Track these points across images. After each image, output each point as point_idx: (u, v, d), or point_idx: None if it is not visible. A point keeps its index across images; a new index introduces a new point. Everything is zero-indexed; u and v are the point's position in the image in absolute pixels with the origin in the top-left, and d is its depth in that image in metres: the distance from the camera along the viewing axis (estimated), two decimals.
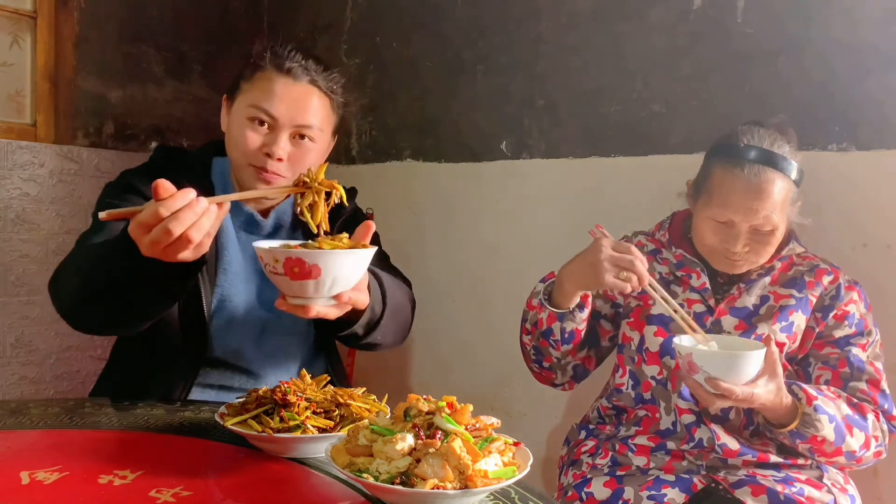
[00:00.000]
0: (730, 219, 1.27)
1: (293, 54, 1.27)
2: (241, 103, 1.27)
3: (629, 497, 1.26)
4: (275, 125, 1.25)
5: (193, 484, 0.85)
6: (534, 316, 1.35)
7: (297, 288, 0.90)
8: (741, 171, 1.26)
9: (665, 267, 1.41)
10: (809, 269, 1.35)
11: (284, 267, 0.88)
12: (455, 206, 2.29)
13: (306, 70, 1.27)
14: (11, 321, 2.33)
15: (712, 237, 1.31)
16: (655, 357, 1.34)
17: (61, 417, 1.09)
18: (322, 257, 0.88)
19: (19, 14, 2.35)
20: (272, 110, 1.24)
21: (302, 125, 1.26)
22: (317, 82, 1.28)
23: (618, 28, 1.92)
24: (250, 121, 1.25)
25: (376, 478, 0.78)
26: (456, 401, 0.86)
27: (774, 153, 1.27)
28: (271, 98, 1.24)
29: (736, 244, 1.28)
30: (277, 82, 1.25)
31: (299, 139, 1.27)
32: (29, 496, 0.80)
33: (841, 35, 1.58)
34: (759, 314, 1.32)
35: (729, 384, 1.10)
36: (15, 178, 2.31)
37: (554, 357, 1.38)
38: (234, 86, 1.32)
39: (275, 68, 1.26)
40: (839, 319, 1.30)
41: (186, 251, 0.91)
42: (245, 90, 1.28)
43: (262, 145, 1.24)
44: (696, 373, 1.12)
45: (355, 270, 0.94)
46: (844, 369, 1.27)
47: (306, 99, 1.26)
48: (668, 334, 1.33)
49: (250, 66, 1.29)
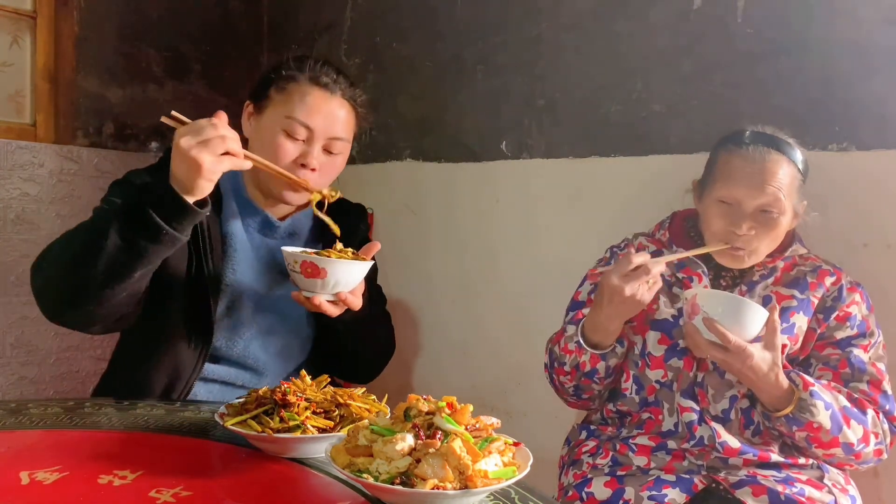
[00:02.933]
0: (736, 198, 1.28)
1: (327, 69, 1.33)
2: (275, 113, 1.30)
3: (630, 497, 1.26)
4: (310, 137, 1.29)
5: (193, 484, 0.84)
6: (573, 359, 1.35)
7: (308, 284, 1.17)
8: (747, 152, 1.29)
9: (667, 269, 1.40)
10: (812, 270, 1.34)
11: (301, 266, 1.15)
12: (455, 206, 2.28)
13: (339, 84, 1.33)
14: (11, 321, 2.33)
15: (719, 221, 1.31)
16: (659, 361, 1.34)
17: (61, 417, 1.09)
18: (329, 263, 1.15)
19: (19, 14, 2.35)
20: (310, 122, 1.28)
21: (334, 137, 1.31)
22: (347, 96, 1.34)
23: (618, 28, 1.92)
24: (285, 131, 1.28)
25: (376, 478, 0.78)
26: (456, 401, 0.86)
27: (780, 138, 1.31)
28: (309, 110, 1.29)
29: (741, 225, 1.27)
30: (314, 95, 1.30)
31: (330, 151, 1.32)
32: (29, 496, 0.80)
33: (841, 35, 1.58)
34: None
35: (724, 329, 1.11)
36: (15, 178, 2.31)
37: (595, 391, 1.39)
38: (260, 93, 1.34)
39: (311, 81, 1.31)
40: (841, 321, 1.30)
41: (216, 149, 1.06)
42: (278, 101, 1.31)
43: (296, 156, 1.29)
44: (696, 314, 1.13)
45: (354, 276, 1.20)
46: (845, 370, 1.27)
47: (339, 112, 1.32)
48: (672, 340, 1.33)
49: (282, 77, 1.32)
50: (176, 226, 1.08)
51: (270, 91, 1.32)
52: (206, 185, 1.08)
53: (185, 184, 1.07)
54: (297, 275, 1.17)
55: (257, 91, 1.35)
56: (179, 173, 1.07)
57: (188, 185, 1.07)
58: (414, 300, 2.36)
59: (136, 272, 1.10)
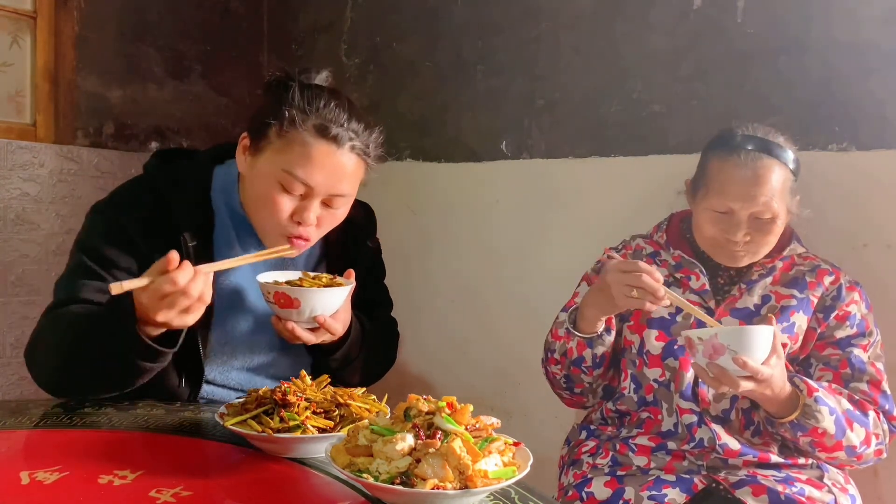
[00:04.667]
0: (729, 207, 1.27)
1: (338, 113, 1.14)
2: (272, 163, 1.15)
3: (630, 497, 1.26)
4: (309, 193, 1.15)
5: (193, 484, 0.84)
6: (562, 346, 1.35)
7: (284, 314, 1.16)
8: (738, 158, 1.27)
9: (664, 269, 1.40)
10: (811, 269, 1.34)
11: (274, 297, 1.15)
12: (455, 206, 2.28)
13: (349, 133, 1.15)
14: (11, 321, 2.33)
15: (712, 229, 1.30)
16: (657, 360, 1.33)
17: (61, 417, 1.09)
18: (301, 293, 1.14)
19: (19, 14, 2.35)
20: (310, 181, 1.13)
21: (337, 194, 1.17)
22: (356, 148, 1.16)
23: (618, 28, 1.92)
24: (281, 185, 1.14)
25: (376, 478, 0.78)
26: (456, 401, 0.86)
27: (770, 141, 1.29)
28: (311, 168, 1.13)
29: (737, 233, 1.27)
30: (318, 149, 1.13)
31: (329, 206, 1.19)
32: (29, 496, 0.80)
33: (841, 35, 1.58)
34: (761, 314, 1.31)
35: (754, 364, 1.09)
36: (15, 178, 2.31)
37: (585, 382, 1.39)
38: (260, 130, 1.17)
39: (316, 132, 1.13)
40: (840, 320, 1.30)
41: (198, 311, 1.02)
42: (277, 147, 1.15)
43: (293, 212, 1.16)
44: (721, 354, 1.09)
45: (331, 302, 1.17)
46: (846, 370, 1.27)
47: (345, 167, 1.16)
48: (669, 338, 1.33)
49: (285, 119, 1.14)
50: (167, 352, 1.07)
51: (270, 132, 1.15)
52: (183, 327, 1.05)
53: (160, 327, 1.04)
54: (273, 305, 1.16)
55: (256, 126, 1.18)
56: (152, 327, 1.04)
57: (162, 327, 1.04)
58: (414, 300, 2.36)
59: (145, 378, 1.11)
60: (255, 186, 1.18)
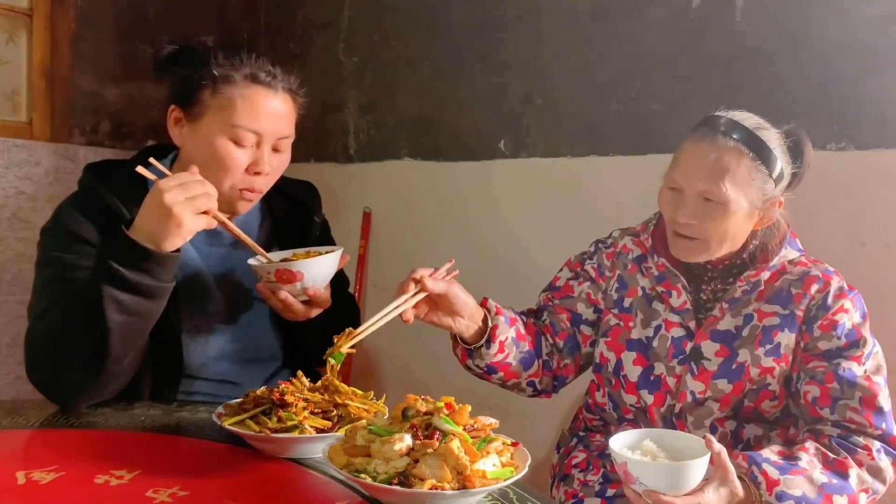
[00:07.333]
0: (679, 182, 1.19)
1: (262, 62, 1.20)
2: (216, 122, 1.17)
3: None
4: (259, 141, 1.19)
5: (190, 484, 0.84)
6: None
7: (287, 289, 1.17)
8: (696, 135, 1.20)
9: (647, 280, 1.32)
10: (798, 279, 1.24)
11: (276, 276, 1.16)
12: (453, 204, 2.28)
13: (278, 77, 1.21)
14: (7, 320, 2.33)
15: (665, 208, 1.23)
16: (633, 388, 1.28)
17: (57, 417, 1.08)
18: (303, 265, 1.16)
19: (15, 12, 2.34)
20: (258, 128, 1.18)
21: (283, 137, 1.22)
22: (287, 88, 1.23)
23: (617, 27, 1.92)
24: (231, 140, 1.17)
25: (374, 478, 0.78)
26: (454, 401, 0.86)
27: (738, 124, 1.18)
28: (256, 115, 1.17)
29: (681, 212, 1.18)
30: (257, 97, 1.18)
31: (277, 150, 1.23)
32: (25, 496, 0.80)
33: (839, 35, 1.58)
34: (742, 336, 1.22)
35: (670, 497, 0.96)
36: (11, 176, 2.30)
37: (510, 385, 1.37)
38: (189, 98, 1.19)
39: (251, 80, 1.18)
40: (826, 330, 1.19)
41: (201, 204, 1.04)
42: (216, 106, 1.17)
43: (248, 164, 1.19)
44: (632, 483, 0.98)
45: (329, 269, 1.21)
46: (833, 385, 1.16)
47: (283, 108, 1.22)
48: (648, 363, 1.27)
49: (215, 78, 1.17)
50: (165, 278, 1.05)
51: (203, 95, 1.18)
52: (177, 242, 1.03)
53: (156, 237, 1.02)
54: (274, 283, 1.16)
55: (184, 95, 1.20)
56: (151, 226, 1.03)
57: (157, 239, 1.02)
58: None
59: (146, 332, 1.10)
60: (203, 150, 1.19)
